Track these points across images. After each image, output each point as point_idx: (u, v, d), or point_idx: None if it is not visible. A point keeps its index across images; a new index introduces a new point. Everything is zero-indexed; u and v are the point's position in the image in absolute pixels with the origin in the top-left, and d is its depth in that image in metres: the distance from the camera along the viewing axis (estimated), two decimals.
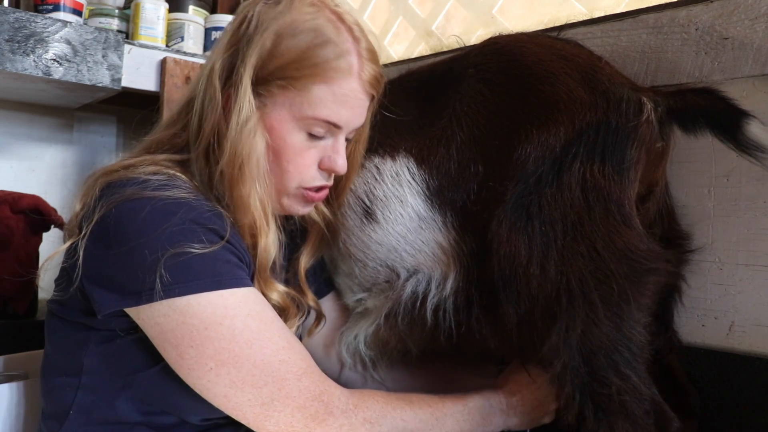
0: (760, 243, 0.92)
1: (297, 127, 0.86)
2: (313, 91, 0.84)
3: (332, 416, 0.77)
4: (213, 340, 0.75)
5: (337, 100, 0.85)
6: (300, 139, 0.87)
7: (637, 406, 0.78)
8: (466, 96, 0.92)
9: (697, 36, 0.96)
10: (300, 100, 0.85)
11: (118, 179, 0.82)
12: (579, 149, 0.81)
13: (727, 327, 0.96)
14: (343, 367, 1.05)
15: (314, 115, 0.85)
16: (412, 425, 0.83)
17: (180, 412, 0.84)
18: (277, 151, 0.87)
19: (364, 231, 0.97)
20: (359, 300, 1.02)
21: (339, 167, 0.90)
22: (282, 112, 0.86)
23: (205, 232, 0.78)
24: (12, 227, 1.46)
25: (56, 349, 0.88)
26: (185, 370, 0.76)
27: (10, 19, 1.30)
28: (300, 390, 0.77)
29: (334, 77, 0.84)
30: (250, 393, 0.75)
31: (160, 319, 0.76)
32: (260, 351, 0.76)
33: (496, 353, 1.00)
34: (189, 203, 0.79)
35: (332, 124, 0.87)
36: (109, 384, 0.83)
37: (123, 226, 0.77)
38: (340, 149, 0.90)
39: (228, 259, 0.80)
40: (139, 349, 0.81)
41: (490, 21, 1.45)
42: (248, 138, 0.83)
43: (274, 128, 0.86)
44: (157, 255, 0.74)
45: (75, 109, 1.89)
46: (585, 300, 0.79)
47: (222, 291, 0.77)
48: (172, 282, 0.74)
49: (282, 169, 0.88)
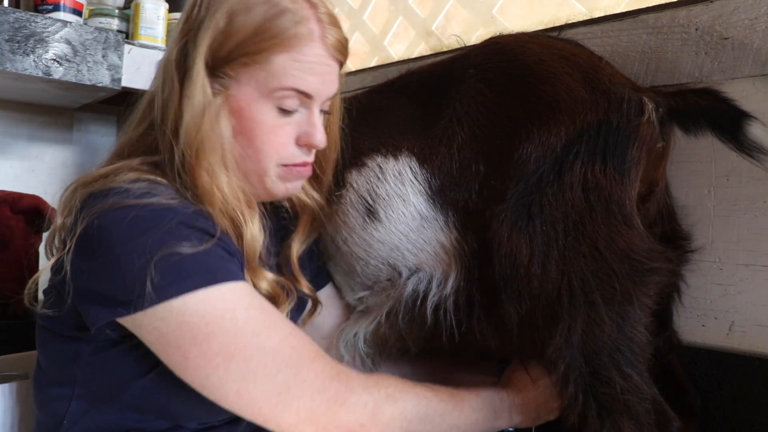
0: (760, 243, 0.92)
1: (266, 105, 0.83)
2: (275, 63, 0.81)
3: (355, 394, 0.74)
4: (217, 335, 0.72)
5: (302, 68, 0.82)
6: (272, 117, 0.83)
7: (639, 405, 0.78)
8: (467, 96, 0.92)
9: (697, 36, 0.96)
10: (264, 74, 0.81)
11: (99, 190, 0.78)
12: (580, 149, 0.81)
13: (727, 327, 0.96)
14: (342, 362, 1.04)
15: (281, 85, 0.81)
16: (434, 404, 0.81)
17: (176, 418, 0.82)
18: (249, 133, 0.83)
19: (366, 229, 0.96)
20: (360, 298, 1.02)
21: (317, 141, 0.86)
22: (248, 91, 0.82)
23: (194, 232, 0.75)
24: (12, 227, 1.46)
25: (48, 360, 0.86)
26: (191, 372, 0.73)
27: (10, 19, 1.30)
28: (317, 372, 0.74)
29: (295, 45, 0.81)
30: (264, 383, 0.72)
31: (158, 323, 0.72)
32: (268, 339, 0.73)
33: (497, 353, 1.00)
34: (173, 208, 0.76)
35: (302, 93, 0.83)
36: (102, 393, 0.81)
37: (107, 235, 0.73)
38: (316, 122, 0.86)
39: (220, 254, 0.77)
40: (132, 358, 0.78)
41: (490, 21, 1.46)
42: (207, 124, 0.80)
43: (243, 109, 0.83)
44: (145, 259, 0.71)
45: (75, 109, 1.89)
46: (586, 300, 0.79)
47: (218, 285, 0.74)
48: (164, 284, 0.71)
49: (256, 149, 0.84)
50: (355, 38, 1.81)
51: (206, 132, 0.80)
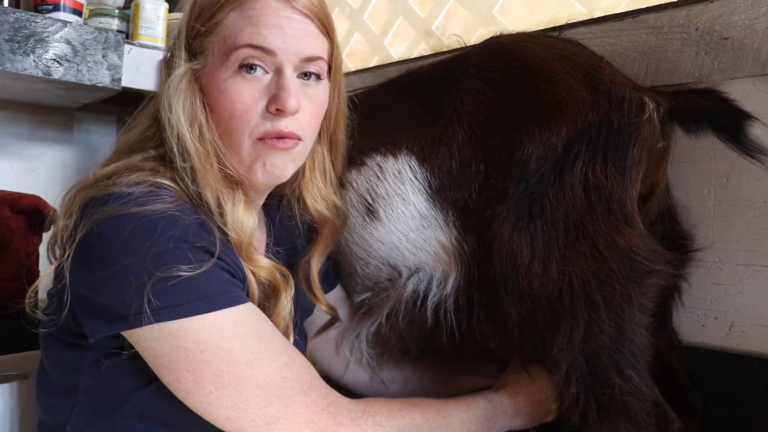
0: (760, 243, 0.92)
1: (227, 70, 0.80)
2: (228, 23, 0.80)
3: (342, 426, 0.76)
4: (211, 363, 0.72)
5: (253, 21, 0.79)
6: (234, 82, 0.80)
7: (638, 406, 0.78)
8: (468, 95, 0.92)
9: (697, 36, 0.96)
10: (222, 38, 0.80)
11: (100, 195, 0.77)
12: (581, 149, 0.81)
13: (727, 327, 0.96)
14: (349, 364, 1.04)
15: (235, 44, 0.79)
16: (420, 425, 0.82)
17: (179, 427, 0.81)
18: (218, 104, 0.81)
19: (366, 229, 0.96)
20: (363, 300, 1.02)
21: (289, 105, 0.79)
22: (212, 62, 0.82)
23: (193, 251, 0.74)
24: (12, 227, 1.46)
25: (51, 366, 0.86)
26: (183, 394, 0.74)
27: (10, 19, 1.30)
28: (307, 405, 0.75)
29: (244, 0, 0.80)
30: (254, 414, 0.73)
31: (153, 343, 0.73)
32: (262, 371, 0.74)
33: (497, 353, 1.00)
34: (173, 217, 0.74)
35: (259, 48, 0.79)
36: (105, 401, 0.80)
37: (106, 246, 0.73)
38: (287, 85, 0.80)
39: (220, 277, 0.76)
40: (135, 367, 0.77)
41: (490, 21, 1.46)
42: (182, 99, 0.81)
43: (209, 82, 0.81)
44: (143, 279, 0.70)
45: (75, 109, 1.89)
46: (587, 300, 0.79)
47: (216, 312, 0.73)
48: (161, 306, 0.70)
49: (226, 122, 0.81)
50: (355, 38, 1.81)
51: (182, 105, 0.81)
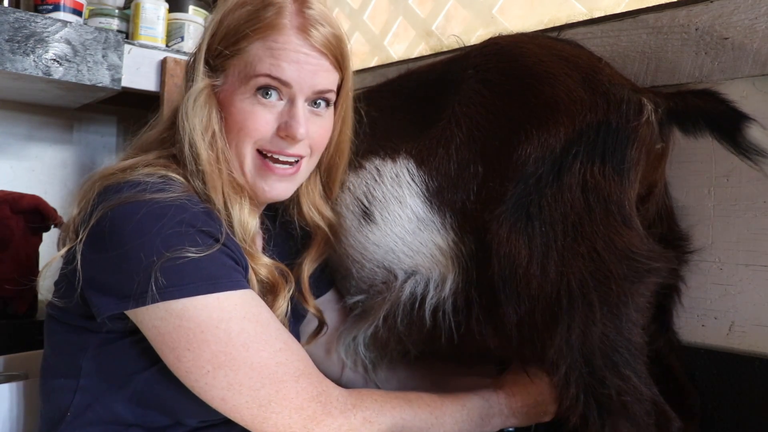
0: (760, 243, 0.92)
1: (245, 93, 0.87)
2: (251, 51, 0.86)
3: (330, 416, 0.78)
4: (210, 343, 0.75)
5: (274, 54, 0.85)
6: (250, 103, 0.87)
7: (638, 406, 0.78)
8: (466, 97, 0.92)
9: (697, 36, 0.96)
10: (243, 64, 0.87)
11: (115, 183, 0.83)
12: (579, 150, 0.81)
13: (727, 327, 0.96)
14: (344, 368, 1.05)
15: (255, 72, 0.85)
16: (411, 423, 0.83)
17: (177, 414, 0.84)
18: (232, 119, 0.88)
19: (361, 232, 0.97)
20: (357, 302, 1.02)
21: (297, 133, 0.86)
22: (232, 82, 0.88)
23: (200, 235, 0.78)
24: (12, 227, 1.46)
25: (55, 352, 0.89)
26: (183, 373, 0.77)
27: (10, 19, 1.30)
28: (297, 391, 0.77)
29: (270, 33, 0.86)
30: (248, 395, 0.76)
31: (157, 321, 0.76)
32: (257, 354, 0.76)
33: (496, 354, 1.00)
34: (183, 205, 0.80)
35: (277, 80, 0.86)
36: (106, 386, 0.83)
37: (118, 229, 0.77)
38: (298, 114, 0.87)
39: (224, 261, 0.80)
40: (137, 351, 0.81)
41: (490, 21, 1.45)
42: (198, 109, 0.86)
43: (227, 99, 0.88)
44: (152, 258, 0.74)
45: (75, 109, 1.89)
46: (584, 301, 0.79)
47: (218, 294, 0.77)
48: (167, 285, 0.74)
49: (236, 135, 0.88)
50: (355, 38, 1.81)
51: (198, 116, 0.86)
